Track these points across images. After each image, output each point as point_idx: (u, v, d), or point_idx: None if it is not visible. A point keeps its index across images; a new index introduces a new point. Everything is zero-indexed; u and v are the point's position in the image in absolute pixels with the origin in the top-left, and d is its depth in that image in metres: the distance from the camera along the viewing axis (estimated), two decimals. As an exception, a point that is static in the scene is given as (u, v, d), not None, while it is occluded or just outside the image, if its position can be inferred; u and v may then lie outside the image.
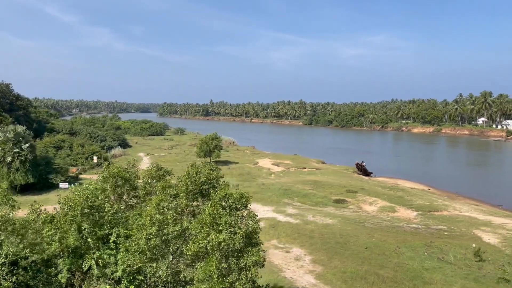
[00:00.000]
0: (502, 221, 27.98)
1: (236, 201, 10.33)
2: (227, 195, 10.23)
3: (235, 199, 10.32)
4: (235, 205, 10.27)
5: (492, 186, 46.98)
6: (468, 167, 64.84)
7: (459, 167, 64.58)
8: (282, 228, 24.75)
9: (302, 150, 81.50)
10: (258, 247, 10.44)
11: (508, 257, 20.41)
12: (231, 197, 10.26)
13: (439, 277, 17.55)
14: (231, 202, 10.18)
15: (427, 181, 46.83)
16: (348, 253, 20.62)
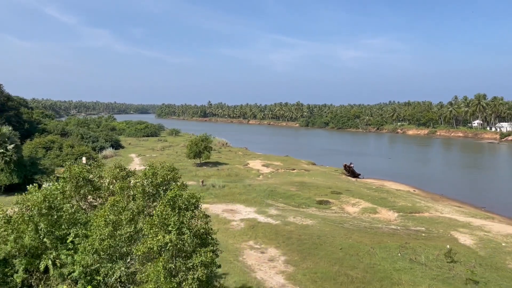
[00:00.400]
0: (482, 223, 28.18)
1: (186, 201, 10.47)
2: (177, 196, 10.37)
3: (185, 200, 10.46)
4: (184, 205, 10.41)
5: (478, 188, 47.23)
6: (457, 169, 65.12)
7: (448, 169, 64.83)
8: (261, 229, 24.87)
9: (295, 152, 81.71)
10: (208, 248, 10.55)
11: (481, 259, 20.59)
12: (181, 198, 10.40)
13: (407, 278, 17.70)
14: (180, 203, 10.32)
15: (414, 183, 47.04)
16: (322, 254, 20.77)
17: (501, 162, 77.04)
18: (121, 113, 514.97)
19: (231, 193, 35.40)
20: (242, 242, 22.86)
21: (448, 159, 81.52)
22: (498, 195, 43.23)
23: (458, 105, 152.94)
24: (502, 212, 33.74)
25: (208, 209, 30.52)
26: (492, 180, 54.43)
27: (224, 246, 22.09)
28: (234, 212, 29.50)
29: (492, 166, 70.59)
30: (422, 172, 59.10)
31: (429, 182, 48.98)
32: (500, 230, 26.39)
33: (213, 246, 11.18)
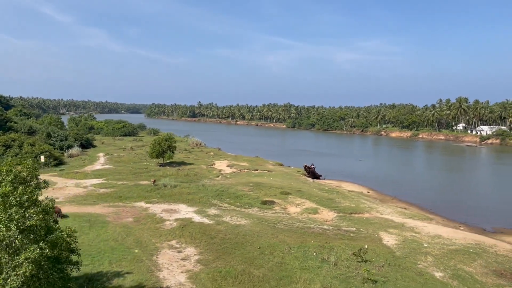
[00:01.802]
0: (416, 224, 28.46)
1: (18, 198, 10.40)
2: (9, 193, 10.30)
3: (17, 196, 10.38)
4: (16, 202, 10.34)
5: (435, 190, 47.68)
6: (424, 172, 65.76)
7: (415, 171, 65.45)
8: (190, 229, 24.83)
9: (269, 152, 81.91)
10: (41, 244, 10.45)
11: (394, 259, 20.79)
12: (13, 195, 10.33)
13: (308, 276, 17.81)
14: (12, 200, 10.24)
15: (373, 185, 47.39)
16: (238, 253, 20.81)
17: (470, 165, 77.94)
18: (112, 112, 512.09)
19: (179, 193, 35.30)
20: (165, 241, 22.80)
21: (419, 162, 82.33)
22: (452, 197, 43.71)
23: (440, 108, 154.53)
24: (447, 214, 34.11)
25: (149, 209, 30.55)
26: (453, 182, 54.99)
27: (144, 246, 22.15)
28: (173, 212, 29.42)
29: (460, 168, 71.41)
30: (387, 173, 59.53)
31: (389, 183, 49.37)
32: (430, 231, 26.67)
33: (59, 242, 11.06)
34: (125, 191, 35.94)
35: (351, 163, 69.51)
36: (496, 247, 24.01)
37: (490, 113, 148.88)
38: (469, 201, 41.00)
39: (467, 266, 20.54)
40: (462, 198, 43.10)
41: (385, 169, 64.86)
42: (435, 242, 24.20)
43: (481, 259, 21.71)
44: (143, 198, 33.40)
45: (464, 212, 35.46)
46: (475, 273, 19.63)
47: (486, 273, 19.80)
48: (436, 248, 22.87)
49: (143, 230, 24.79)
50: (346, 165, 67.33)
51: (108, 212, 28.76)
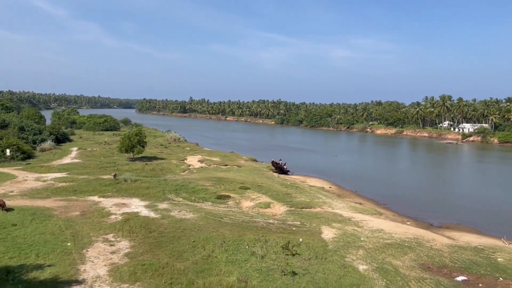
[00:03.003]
0: (363, 218, 28.81)
1: None
2: None
3: None
4: None
5: (397, 186, 47.81)
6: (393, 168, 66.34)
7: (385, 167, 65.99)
8: (132, 223, 24.86)
9: (247, 148, 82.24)
10: None
11: (324, 252, 21.05)
12: None
13: (229, 269, 18.01)
14: None
15: (339, 180, 47.84)
16: (171, 247, 20.94)
17: (443, 162, 78.86)
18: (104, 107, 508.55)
19: (137, 187, 35.28)
20: (102, 235, 22.81)
21: (394, 158, 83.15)
22: (414, 193, 44.03)
23: (425, 106, 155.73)
24: (401, 209, 34.57)
25: (100, 203, 30.48)
26: (419, 178, 55.52)
27: (79, 239, 22.11)
28: (123, 206, 29.42)
29: (431, 165, 72.30)
30: (356, 169, 59.95)
31: (355, 179, 49.87)
32: (374, 225, 27.03)
33: None
34: (83, 185, 35.83)
35: (326, 159, 69.96)
36: (433, 242, 24.42)
37: (473, 111, 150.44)
38: (429, 197, 41.56)
39: (396, 259, 20.88)
40: (423, 194, 43.61)
41: (357, 165, 65.31)
42: (373, 236, 24.55)
43: (413, 253, 22.08)
44: (98, 192, 33.34)
45: (419, 208, 35.99)
46: (401, 266, 19.97)
47: (412, 267, 20.15)
48: (371, 242, 23.20)
49: (86, 223, 24.77)
50: (320, 161, 67.76)
51: (57, 206, 28.65)
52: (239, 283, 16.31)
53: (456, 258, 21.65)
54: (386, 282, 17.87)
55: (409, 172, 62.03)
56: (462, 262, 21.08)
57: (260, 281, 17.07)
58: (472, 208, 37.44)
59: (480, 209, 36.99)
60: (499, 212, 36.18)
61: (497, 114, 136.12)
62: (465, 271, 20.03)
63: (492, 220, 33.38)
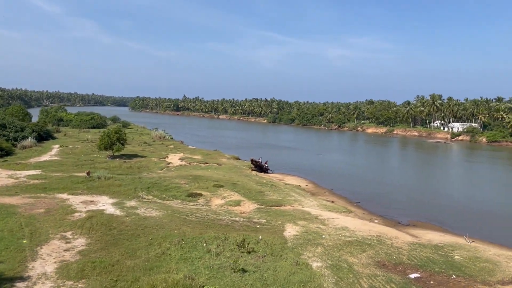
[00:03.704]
0: (330, 216, 28.84)
1: None
2: None
3: None
4: None
5: (375, 184, 47.76)
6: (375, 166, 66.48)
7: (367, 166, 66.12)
8: (94, 220, 24.65)
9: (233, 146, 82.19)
10: None
11: (281, 249, 21.01)
12: None
13: (179, 266, 17.91)
14: None
15: (317, 178, 47.91)
16: (127, 245, 20.78)
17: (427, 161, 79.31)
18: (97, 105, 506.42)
19: (109, 185, 35.07)
20: (61, 232, 22.59)
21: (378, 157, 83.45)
22: (390, 191, 43.90)
23: (415, 105, 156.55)
24: (373, 208, 34.59)
25: (68, 200, 30.20)
26: (399, 177, 55.57)
27: (36, 236, 21.88)
28: (91, 203, 29.18)
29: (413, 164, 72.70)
30: (338, 168, 59.92)
31: (335, 177, 49.99)
32: (340, 223, 27.06)
33: None
34: (55, 183, 35.53)
35: (310, 158, 70.05)
36: (395, 239, 24.49)
37: (463, 110, 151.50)
38: (405, 195, 41.70)
39: (353, 257, 20.90)
40: (400, 192, 43.70)
41: (340, 164, 65.31)
42: (336, 233, 24.57)
43: (372, 250, 22.12)
44: (69, 190, 33.06)
45: (392, 206, 36.12)
46: (356, 264, 19.98)
47: (368, 264, 20.18)
48: (332, 240, 23.22)
49: (47, 221, 24.52)
50: (304, 159, 67.82)
51: (23, 203, 28.35)
52: (185, 280, 16.22)
53: (414, 256, 21.73)
54: (337, 279, 17.87)
55: (390, 170, 62.25)
56: (419, 260, 21.16)
57: (208, 278, 17.00)
58: (446, 206, 37.64)
59: (453, 208, 37.21)
60: (471, 210, 36.42)
61: (485, 113, 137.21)
62: (420, 268, 20.11)
63: (463, 218, 33.60)
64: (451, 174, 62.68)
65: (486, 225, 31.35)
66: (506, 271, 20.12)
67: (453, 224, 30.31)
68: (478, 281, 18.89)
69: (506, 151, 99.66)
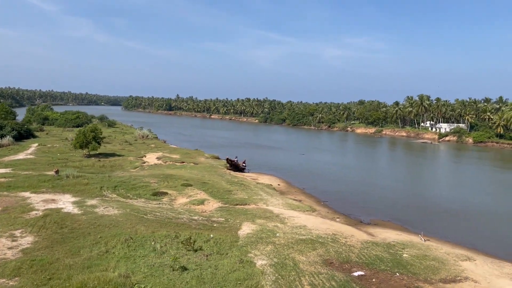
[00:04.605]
0: (292, 215, 28.86)
1: None
2: None
3: None
4: None
5: (348, 183, 47.70)
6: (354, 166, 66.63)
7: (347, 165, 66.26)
8: (48, 219, 24.40)
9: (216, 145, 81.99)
10: None
11: (230, 247, 20.93)
12: None
13: (119, 264, 17.79)
14: None
15: (293, 177, 47.99)
16: (73, 243, 20.57)
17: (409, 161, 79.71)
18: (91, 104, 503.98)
19: (76, 183, 34.77)
20: (11, 230, 22.30)
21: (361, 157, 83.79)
22: (361, 190, 43.63)
23: (403, 106, 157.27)
24: (338, 207, 34.61)
25: (29, 199, 29.90)
26: (374, 176, 55.37)
27: (-16, 234, 21.72)
28: (52, 202, 28.93)
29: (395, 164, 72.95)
30: (316, 167, 59.85)
31: (310, 176, 50.15)
32: (299, 222, 27.09)
33: None
34: (21, 181, 35.14)
35: (292, 157, 70.12)
36: (351, 238, 24.56)
37: (452, 111, 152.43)
38: (375, 194, 41.71)
39: (302, 255, 20.90)
40: (372, 191, 43.61)
41: (320, 163, 65.27)
42: (292, 232, 24.59)
43: (323, 248, 22.15)
44: (33, 188, 32.73)
45: (360, 205, 36.24)
46: (303, 262, 19.98)
47: (315, 262, 20.19)
48: (285, 238, 23.22)
49: (1, 219, 24.32)
50: (285, 159, 67.90)
51: (-19, 202, 28.12)
52: (119, 278, 16.12)
53: (364, 254, 21.79)
54: (277, 277, 17.85)
55: (369, 170, 62.40)
56: (367, 258, 21.22)
57: (145, 276, 16.88)
58: (414, 205, 37.83)
59: (420, 207, 37.39)
60: (438, 209, 36.57)
61: (472, 114, 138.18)
62: (366, 266, 20.15)
63: (428, 217, 33.78)
64: (429, 174, 63.04)
65: (449, 224, 31.54)
66: (451, 269, 20.25)
67: (416, 223, 30.43)
68: (421, 279, 18.99)
69: (491, 151, 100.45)
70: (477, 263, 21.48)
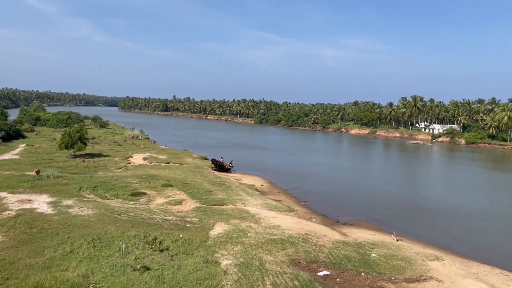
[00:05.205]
0: (268, 215, 28.84)
1: None
2: None
3: None
4: None
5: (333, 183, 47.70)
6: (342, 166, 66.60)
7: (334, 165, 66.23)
8: (20, 219, 24.21)
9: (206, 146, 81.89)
10: None
11: (197, 247, 20.90)
12: None
13: (81, 264, 17.75)
14: None
15: (277, 178, 48.01)
16: (40, 243, 20.44)
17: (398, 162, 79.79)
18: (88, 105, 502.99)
19: (56, 183, 34.65)
20: (-20, 230, 22.34)
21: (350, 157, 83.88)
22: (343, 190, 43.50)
23: (397, 107, 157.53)
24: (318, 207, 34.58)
25: (5, 199, 29.70)
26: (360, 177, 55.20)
27: (-49, 235, 21.59)
28: (27, 202, 28.79)
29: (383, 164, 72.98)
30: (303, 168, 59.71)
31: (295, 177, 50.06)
32: (275, 222, 27.06)
33: None
34: (0, 181, 34.95)
35: (281, 158, 70.09)
36: (323, 238, 24.54)
37: (445, 112, 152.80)
38: (358, 195, 41.62)
39: (270, 255, 20.87)
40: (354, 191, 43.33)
41: (308, 164, 65.05)
42: (264, 232, 24.56)
43: (293, 248, 22.13)
44: (11, 188, 32.54)
45: (340, 205, 36.25)
46: (270, 261, 19.94)
47: (282, 262, 20.16)
48: (256, 238, 23.18)
49: (-30, 219, 24.22)
50: (274, 159, 67.86)
51: (-44, 202, 27.99)
52: (77, 278, 16.07)
53: (333, 254, 21.78)
54: (240, 277, 17.81)
55: (356, 170, 62.27)
56: (335, 258, 21.21)
57: (105, 276, 16.82)
58: (394, 205, 37.82)
59: (400, 207, 37.44)
60: (418, 209, 36.63)
61: (465, 115, 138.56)
62: (333, 266, 20.15)
63: (406, 217, 33.84)
64: (414, 174, 63.10)
65: (426, 224, 31.57)
66: (417, 269, 20.27)
67: (393, 223, 30.42)
68: (385, 278, 19.00)
69: (482, 152, 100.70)
70: (445, 263, 21.50)
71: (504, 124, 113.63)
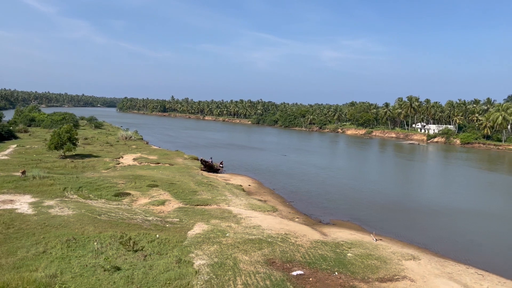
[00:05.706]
0: (250, 215, 28.82)
1: None
2: None
3: None
4: None
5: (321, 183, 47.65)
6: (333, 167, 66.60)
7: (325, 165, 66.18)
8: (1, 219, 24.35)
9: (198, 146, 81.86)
10: None
11: (172, 248, 20.86)
12: None
13: (51, 264, 17.68)
14: None
15: (266, 178, 48.01)
16: (14, 243, 20.37)
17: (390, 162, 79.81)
18: (87, 105, 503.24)
19: (41, 184, 34.60)
20: (-44, 231, 22.28)
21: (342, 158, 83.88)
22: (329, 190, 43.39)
23: (393, 107, 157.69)
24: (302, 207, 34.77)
25: (-13, 199, 29.88)
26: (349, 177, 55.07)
27: None
28: (9, 202, 28.72)
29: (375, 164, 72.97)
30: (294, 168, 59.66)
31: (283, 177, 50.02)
32: (256, 222, 27.04)
33: None
34: (-15, 182, 35.05)
35: (273, 158, 70.08)
36: (302, 238, 24.53)
37: (441, 112, 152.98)
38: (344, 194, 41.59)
39: (245, 255, 20.85)
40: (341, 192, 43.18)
41: (298, 164, 64.88)
42: (243, 232, 24.54)
43: (270, 248, 22.10)
44: (-6, 189, 32.65)
45: (324, 205, 36.29)
46: (244, 261, 19.92)
47: (257, 261, 20.13)
48: (234, 238, 23.16)
49: None
50: (265, 160, 67.81)
51: None
52: (45, 278, 16.03)
53: (310, 253, 21.77)
54: (211, 277, 17.78)
55: (347, 171, 62.22)
56: (312, 257, 21.20)
57: (73, 276, 16.77)
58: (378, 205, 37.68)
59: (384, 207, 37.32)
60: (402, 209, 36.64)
61: (460, 115, 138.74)
62: (308, 265, 20.13)
63: (389, 217, 33.81)
64: (404, 175, 63.12)
65: (407, 223, 31.54)
66: (391, 268, 20.27)
67: (375, 223, 30.44)
68: (358, 278, 18.99)
69: (476, 152, 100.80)
70: (421, 263, 21.50)
71: (498, 124, 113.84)
